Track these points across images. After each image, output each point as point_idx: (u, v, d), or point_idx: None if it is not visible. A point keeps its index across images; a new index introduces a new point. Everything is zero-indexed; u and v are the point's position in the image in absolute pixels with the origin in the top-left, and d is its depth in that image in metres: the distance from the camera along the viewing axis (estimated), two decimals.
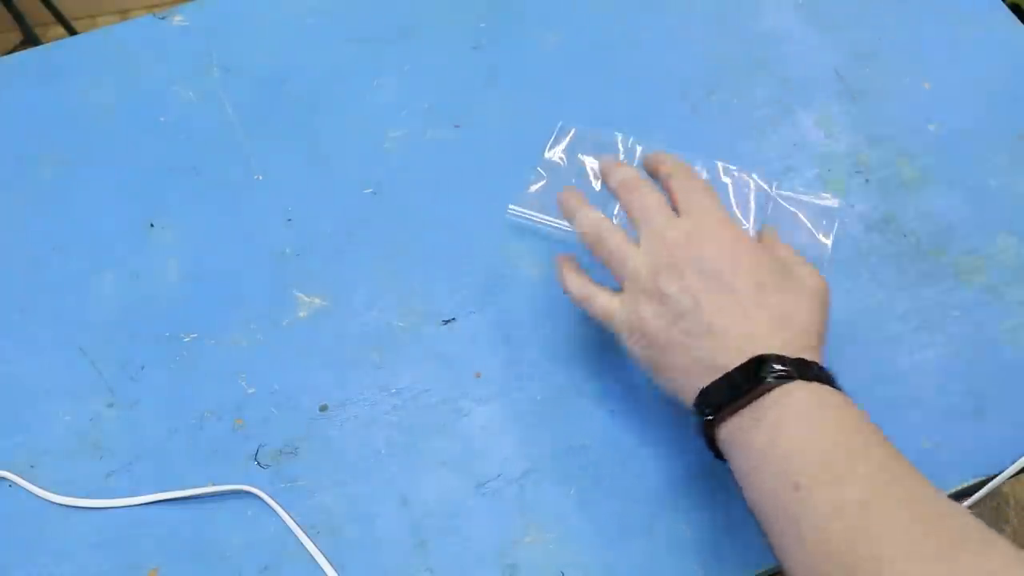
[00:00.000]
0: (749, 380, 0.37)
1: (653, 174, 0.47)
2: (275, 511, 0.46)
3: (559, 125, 0.58)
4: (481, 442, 0.48)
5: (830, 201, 0.55)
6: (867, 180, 0.57)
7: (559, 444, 0.48)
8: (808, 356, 0.38)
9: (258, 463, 0.48)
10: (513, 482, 0.47)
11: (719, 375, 0.38)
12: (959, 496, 0.46)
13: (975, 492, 0.46)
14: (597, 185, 0.56)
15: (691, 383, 0.39)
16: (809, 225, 0.54)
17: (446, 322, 0.52)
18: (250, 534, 0.45)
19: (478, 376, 0.50)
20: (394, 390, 0.50)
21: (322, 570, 0.44)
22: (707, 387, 0.39)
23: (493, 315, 0.52)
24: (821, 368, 0.38)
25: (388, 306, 0.53)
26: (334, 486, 0.47)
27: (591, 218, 0.46)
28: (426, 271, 0.54)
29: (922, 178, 0.57)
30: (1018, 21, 0.64)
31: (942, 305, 0.52)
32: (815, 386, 0.37)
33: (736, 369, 0.38)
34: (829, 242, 0.54)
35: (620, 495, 0.46)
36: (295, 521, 0.45)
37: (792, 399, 0.37)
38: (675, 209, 0.44)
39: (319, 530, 0.45)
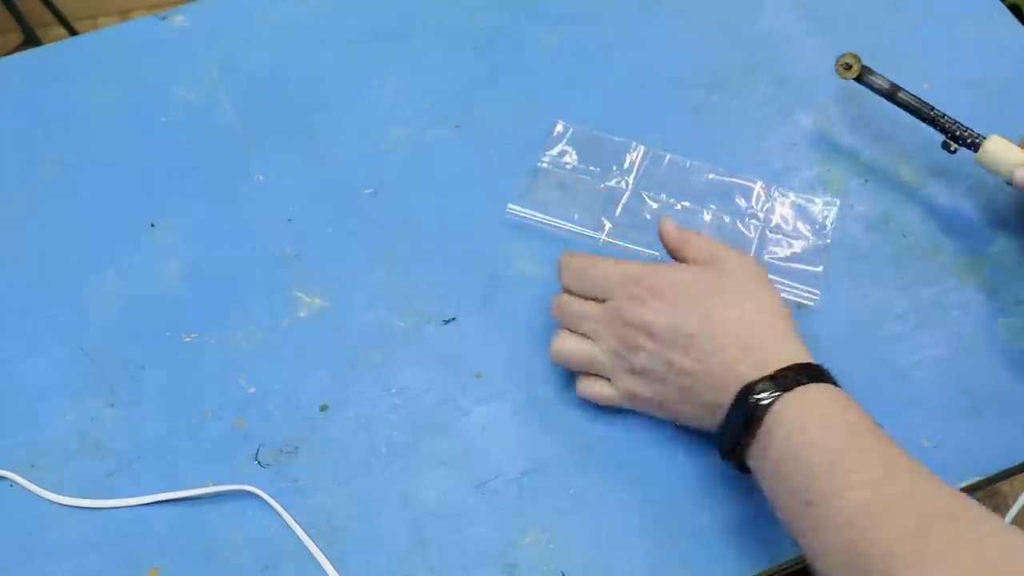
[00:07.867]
0: (741, 415, 0.41)
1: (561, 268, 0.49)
2: (275, 511, 0.46)
3: (557, 124, 0.59)
4: (481, 442, 0.48)
5: (829, 201, 0.55)
6: (866, 180, 0.57)
7: (559, 444, 0.48)
8: (781, 358, 0.42)
9: (258, 463, 0.48)
10: (513, 482, 0.47)
11: (717, 413, 0.43)
12: None
13: (975, 491, 0.46)
14: (593, 184, 0.56)
15: (701, 422, 0.45)
16: (808, 225, 0.54)
17: (446, 322, 0.52)
18: (250, 534, 0.45)
19: (478, 376, 0.50)
20: (394, 390, 0.50)
21: (322, 570, 0.44)
22: (717, 435, 0.43)
23: (493, 315, 0.52)
24: (792, 370, 0.41)
25: (388, 306, 0.53)
26: (334, 486, 0.47)
27: (564, 346, 0.47)
28: (426, 271, 0.54)
29: (922, 178, 0.57)
30: (1017, 21, 0.64)
31: (941, 305, 0.52)
32: (798, 394, 0.40)
33: (729, 412, 0.42)
34: (828, 241, 0.54)
35: (619, 495, 0.46)
36: (295, 521, 0.45)
37: (782, 423, 0.40)
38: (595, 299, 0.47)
39: (319, 530, 0.45)
